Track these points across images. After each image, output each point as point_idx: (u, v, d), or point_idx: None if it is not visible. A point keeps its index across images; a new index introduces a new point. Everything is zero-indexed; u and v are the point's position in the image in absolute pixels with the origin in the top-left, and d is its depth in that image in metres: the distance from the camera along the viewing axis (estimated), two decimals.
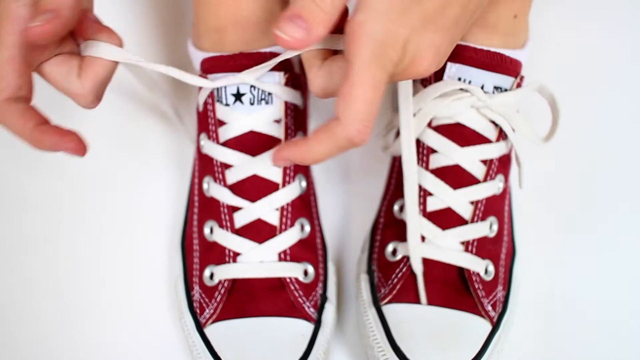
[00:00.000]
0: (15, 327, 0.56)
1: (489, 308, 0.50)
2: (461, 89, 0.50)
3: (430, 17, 0.38)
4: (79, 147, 0.43)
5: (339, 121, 0.38)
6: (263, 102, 0.51)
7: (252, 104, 0.51)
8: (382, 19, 0.37)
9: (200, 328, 0.50)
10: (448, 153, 0.51)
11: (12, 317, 0.56)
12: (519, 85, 0.52)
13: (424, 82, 0.52)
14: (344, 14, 0.40)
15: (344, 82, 0.38)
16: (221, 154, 0.51)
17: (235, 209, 0.51)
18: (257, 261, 0.50)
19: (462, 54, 0.51)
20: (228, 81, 0.50)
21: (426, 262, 0.50)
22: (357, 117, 0.38)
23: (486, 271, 0.51)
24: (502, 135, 0.52)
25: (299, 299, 0.50)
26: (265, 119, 0.51)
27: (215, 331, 0.50)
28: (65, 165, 0.63)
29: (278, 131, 0.52)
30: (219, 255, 0.51)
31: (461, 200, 0.51)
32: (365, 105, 0.38)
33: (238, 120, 0.51)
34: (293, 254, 0.51)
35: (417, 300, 0.50)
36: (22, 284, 0.58)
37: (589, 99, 0.66)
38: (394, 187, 0.55)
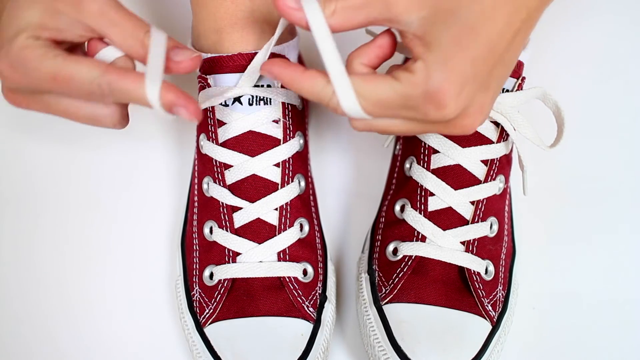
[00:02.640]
0: (20, 327, 0.56)
1: (489, 308, 0.50)
2: None
3: (482, 79, 0.39)
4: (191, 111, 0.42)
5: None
6: (262, 102, 0.51)
7: (250, 104, 0.51)
8: (441, 74, 0.38)
9: (200, 328, 0.50)
10: (449, 153, 0.51)
11: (18, 317, 0.56)
12: (520, 87, 0.52)
13: None
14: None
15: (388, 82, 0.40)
16: (220, 154, 0.51)
17: (234, 209, 0.51)
18: (257, 261, 0.50)
19: None
20: (225, 96, 0.50)
21: (427, 261, 0.50)
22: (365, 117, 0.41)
23: (486, 271, 0.51)
24: (503, 136, 0.52)
25: (299, 299, 0.50)
26: (264, 119, 0.51)
27: (215, 331, 0.50)
28: (65, 166, 0.63)
29: (277, 131, 0.52)
30: (218, 255, 0.51)
31: (462, 201, 0.51)
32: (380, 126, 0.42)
33: (237, 120, 0.51)
34: (292, 254, 0.51)
35: (418, 300, 0.50)
36: (24, 283, 0.58)
37: (590, 98, 0.66)
38: (395, 187, 0.55)
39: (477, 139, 0.51)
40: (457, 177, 0.51)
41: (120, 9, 0.42)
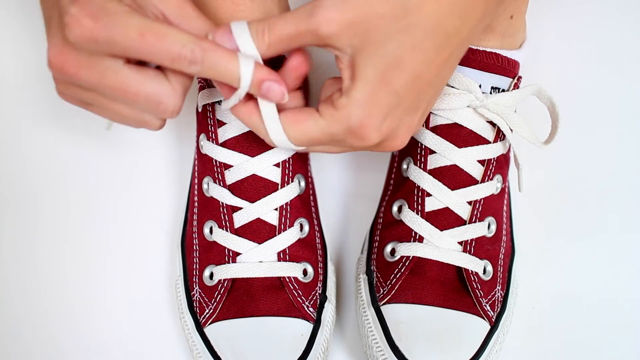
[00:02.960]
0: (20, 326, 0.56)
1: (488, 308, 0.50)
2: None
3: (408, 105, 0.41)
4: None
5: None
6: None
7: None
8: (362, 111, 0.40)
9: (200, 328, 0.50)
10: (446, 154, 0.51)
11: (18, 317, 0.57)
12: (516, 86, 0.52)
13: None
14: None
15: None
16: (220, 154, 0.51)
17: (234, 209, 0.51)
18: (257, 261, 0.50)
19: None
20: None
21: (424, 262, 0.50)
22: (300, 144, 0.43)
23: (484, 271, 0.51)
24: (499, 135, 0.52)
25: (299, 299, 0.50)
26: None
27: (215, 331, 0.50)
28: (65, 166, 0.63)
29: None
30: (218, 255, 0.51)
31: (459, 201, 0.51)
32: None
33: (237, 120, 0.51)
34: (292, 254, 0.51)
35: (415, 301, 0.50)
36: (24, 283, 0.58)
37: (587, 97, 0.66)
38: (393, 187, 0.55)
39: (474, 139, 0.51)
40: (453, 177, 0.51)
41: (196, 8, 0.42)
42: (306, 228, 0.52)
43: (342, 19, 0.38)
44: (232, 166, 0.51)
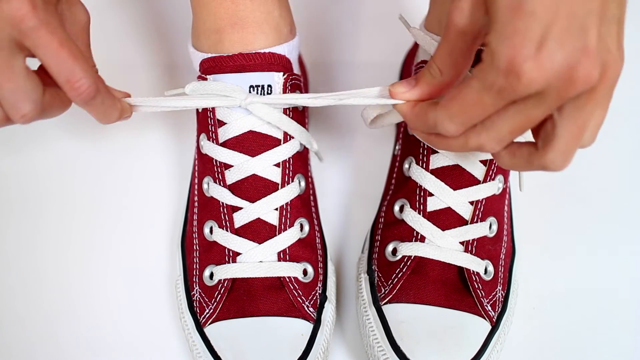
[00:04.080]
0: (22, 326, 0.56)
1: (489, 308, 0.50)
2: None
3: (565, 29, 0.35)
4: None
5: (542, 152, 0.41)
6: None
7: None
8: (505, 45, 0.36)
9: (200, 328, 0.50)
10: (448, 153, 0.51)
11: (20, 317, 0.56)
12: None
13: None
14: None
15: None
16: (221, 154, 0.51)
17: (234, 208, 0.51)
18: (257, 261, 0.50)
19: None
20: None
21: (426, 262, 0.50)
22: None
23: (486, 271, 0.51)
24: None
25: (299, 299, 0.50)
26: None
27: (215, 331, 0.50)
28: (66, 166, 0.63)
29: (277, 131, 0.52)
30: (218, 255, 0.51)
31: (461, 201, 0.51)
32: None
33: (237, 120, 0.51)
34: (292, 254, 0.51)
35: (417, 300, 0.50)
36: (27, 283, 0.58)
37: None
38: (394, 187, 0.55)
39: None
40: (456, 177, 0.51)
41: (79, 54, 0.42)
42: (306, 228, 0.52)
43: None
44: (232, 166, 0.51)
